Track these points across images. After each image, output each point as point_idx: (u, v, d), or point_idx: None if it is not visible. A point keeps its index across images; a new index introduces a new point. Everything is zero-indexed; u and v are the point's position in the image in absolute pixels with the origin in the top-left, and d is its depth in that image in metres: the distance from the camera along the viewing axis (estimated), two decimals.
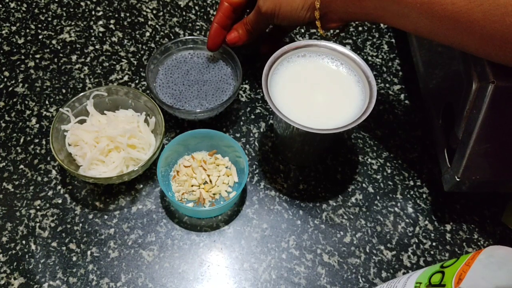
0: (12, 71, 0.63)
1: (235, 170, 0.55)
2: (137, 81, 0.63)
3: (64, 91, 0.61)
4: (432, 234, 0.53)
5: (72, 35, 0.66)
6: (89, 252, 0.51)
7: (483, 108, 0.42)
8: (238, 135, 0.59)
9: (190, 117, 0.57)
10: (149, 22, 0.68)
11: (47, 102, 0.60)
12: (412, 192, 0.56)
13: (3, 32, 0.66)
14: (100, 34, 0.67)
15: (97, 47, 0.65)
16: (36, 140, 0.57)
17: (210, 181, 0.54)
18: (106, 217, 0.53)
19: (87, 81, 0.62)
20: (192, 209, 0.51)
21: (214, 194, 0.53)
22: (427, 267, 0.40)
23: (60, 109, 0.54)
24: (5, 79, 0.62)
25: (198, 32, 0.67)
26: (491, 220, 0.55)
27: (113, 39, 0.66)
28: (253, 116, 0.60)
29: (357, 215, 0.54)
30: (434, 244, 0.53)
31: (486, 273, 0.33)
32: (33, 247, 0.51)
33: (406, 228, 0.54)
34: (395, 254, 0.52)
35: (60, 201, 0.53)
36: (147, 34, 0.67)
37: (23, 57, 0.64)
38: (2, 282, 0.49)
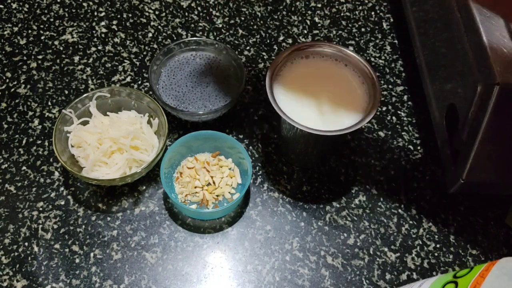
0: (14, 72, 0.62)
1: (238, 171, 0.55)
2: (139, 82, 0.62)
3: (66, 92, 0.61)
4: (436, 236, 0.53)
5: (75, 36, 0.66)
6: (92, 254, 0.50)
7: (488, 109, 0.42)
8: (241, 136, 0.59)
9: (193, 118, 0.56)
10: (152, 23, 0.68)
11: (49, 103, 0.60)
12: (415, 194, 0.56)
13: (5, 33, 0.66)
14: (103, 35, 0.67)
15: (99, 48, 0.65)
16: (39, 142, 0.57)
17: (214, 182, 0.54)
18: (109, 218, 0.53)
19: (90, 82, 0.62)
20: (196, 211, 0.51)
21: (217, 195, 0.53)
22: (439, 275, 0.40)
23: (63, 110, 0.54)
24: (7, 80, 0.62)
25: (200, 33, 0.67)
26: (495, 222, 0.55)
27: (116, 40, 0.66)
28: (256, 118, 0.60)
29: (360, 217, 0.54)
30: (438, 246, 0.53)
31: (498, 284, 0.33)
32: (35, 249, 0.50)
33: (409, 230, 0.53)
34: (399, 256, 0.52)
35: (63, 203, 0.53)
36: (150, 35, 0.67)
37: (25, 58, 0.64)
38: (5, 284, 0.48)
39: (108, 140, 0.52)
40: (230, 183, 0.54)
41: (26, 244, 0.51)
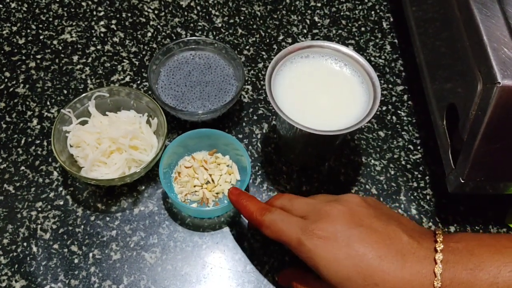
0: (13, 72, 0.62)
1: (236, 168, 0.55)
2: (138, 82, 0.62)
3: (65, 92, 0.61)
4: None
5: (73, 35, 0.66)
6: (91, 254, 0.50)
7: (488, 109, 0.42)
8: (240, 136, 0.59)
9: (193, 118, 0.56)
10: (151, 23, 0.68)
11: (48, 103, 0.60)
12: (415, 194, 0.56)
13: (4, 32, 0.66)
14: (102, 35, 0.66)
15: (98, 47, 0.65)
16: (38, 141, 0.57)
17: (213, 180, 0.54)
18: (108, 219, 0.52)
19: (89, 81, 0.62)
20: (197, 209, 0.51)
21: (217, 193, 0.53)
22: None
23: (62, 110, 0.53)
24: (6, 80, 0.62)
25: (200, 32, 0.67)
26: (495, 222, 0.54)
27: (115, 39, 0.66)
28: (255, 117, 0.60)
29: None
30: None
31: None
32: (34, 249, 0.50)
33: None
34: None
35: (61, 203, 0.53)
36: (149, 34, 0.67)
37: (24, 57, 0.64)
38: (4, 284, 0.48)
39: (107, 140, 0.52)
40: (229, 180, 0.54)
41: (25, 244, 0.50)
